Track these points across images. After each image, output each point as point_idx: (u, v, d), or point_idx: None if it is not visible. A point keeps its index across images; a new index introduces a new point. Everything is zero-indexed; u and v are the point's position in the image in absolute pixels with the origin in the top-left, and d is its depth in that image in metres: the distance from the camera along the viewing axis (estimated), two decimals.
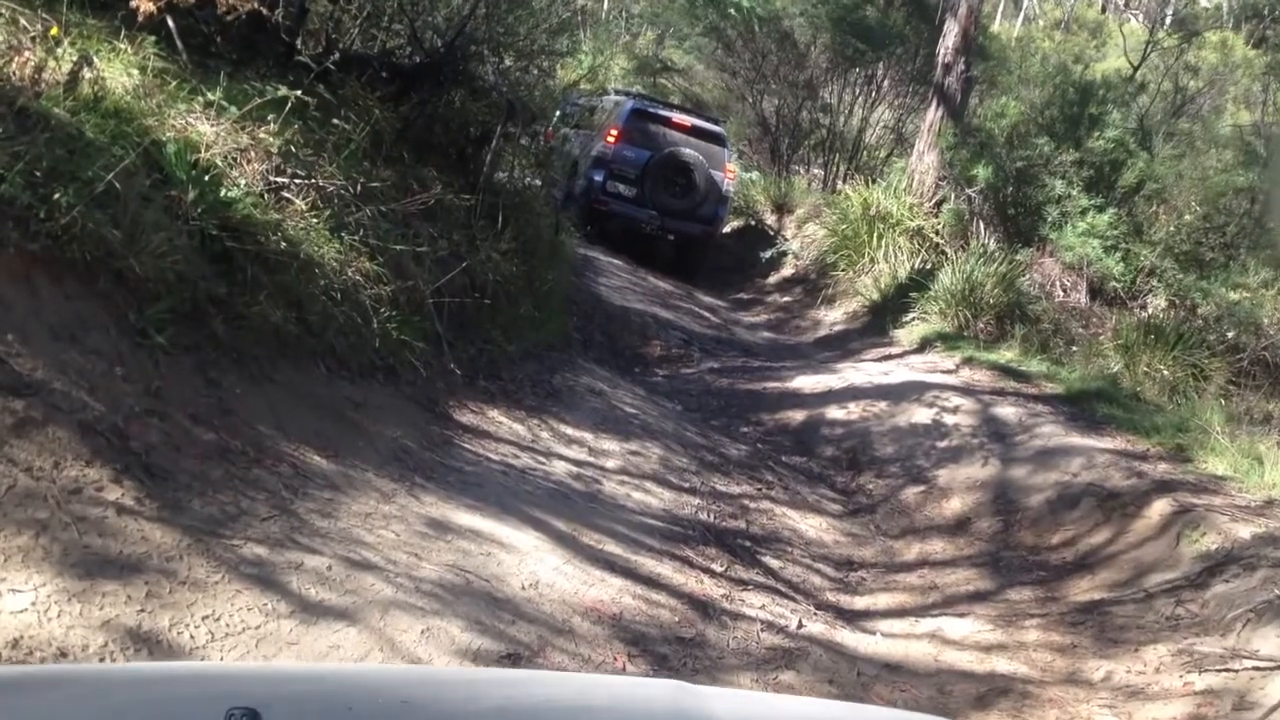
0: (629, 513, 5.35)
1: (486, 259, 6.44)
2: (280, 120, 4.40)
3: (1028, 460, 7.27)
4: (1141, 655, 4.89)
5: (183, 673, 1.99)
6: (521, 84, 7.28)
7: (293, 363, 4.31)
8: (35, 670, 2.19)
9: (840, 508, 7.01)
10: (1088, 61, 18.98)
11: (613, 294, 11.23)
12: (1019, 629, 5.30)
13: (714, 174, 13.51)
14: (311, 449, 3.99)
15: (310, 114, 4.71)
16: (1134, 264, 11.65)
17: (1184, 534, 5.82)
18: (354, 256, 4.85)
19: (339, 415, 4.39)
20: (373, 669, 2.72)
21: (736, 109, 18.94)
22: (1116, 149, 12.07)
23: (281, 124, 4.41)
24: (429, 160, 6.67)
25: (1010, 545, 6.45)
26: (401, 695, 1.57)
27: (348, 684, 1.72)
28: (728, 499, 6.28)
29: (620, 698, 1.88)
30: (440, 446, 4.86)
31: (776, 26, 17.03)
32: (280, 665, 2.68)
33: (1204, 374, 9.86)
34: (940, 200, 12.75)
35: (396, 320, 5.13)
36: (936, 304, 11.09)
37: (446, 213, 6.28)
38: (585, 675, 3.35)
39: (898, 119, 17.93)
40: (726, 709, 1.87)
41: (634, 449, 6.36)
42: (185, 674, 1.92)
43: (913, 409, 8.37)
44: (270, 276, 4.14)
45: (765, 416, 8.53)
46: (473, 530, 4.12)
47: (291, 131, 4.48)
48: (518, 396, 6.24)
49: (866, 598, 5.68)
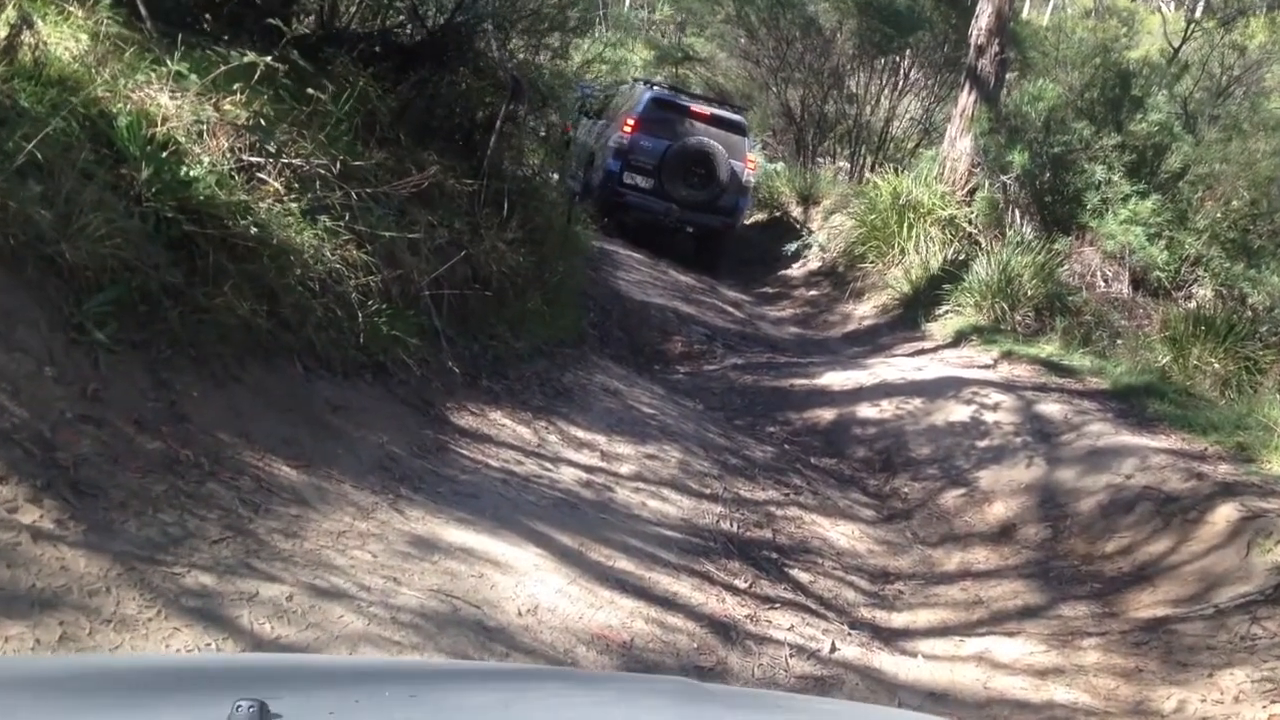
0: (644, 523, 4.88)
1: (491, 249, 5.99)
2: (247, 90, 3.94)
3: (1076, 461, 6.75)
4: (1217, 681, 4.37)
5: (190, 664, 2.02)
6: (530, 64, 6.80)
7: (264, 361, 3.86)
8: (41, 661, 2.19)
9: (874, 513, 6.52)
10: (1119, 51, 18.34)
11: (632, 288, 10.76)
12: (1076, 650, 4.80)
13: (734, 164, 13.06)
14: (280, 458, 3.54)
15: (287, 85, 4.25)
16: (1178, 253, 11.10)
17: (1255, 543, 5.29)
18: (338, 243, 4.39)
19: (316, 419, 3.93)
20: (381, 661, 2.69)
21: (760, 99, 18.41)
22: (1160, 133, 11.49)
23: (250, 94, 3.95)
24: (430, 143, 6.22)
25: (1060, 554, 5.95)
26: (409, 688, 1.56)
27: (356, 676, 1.72)
28: (752, 506, 5.80)
29: (629, 693, 1.86)
30: (433, 453, 4.40)
31: (801, 12, 16.50)
32: (288, 657, 2.64)
33: (1258, 367, 9.30)
34: (974, 188, 12.19)
35: (388, 314, 4.67)
36: (971, 296, 10.56)
37: (447, 199, 5.83)
38: (594, 671, 3.34)
39: (926, 109, 17.35)
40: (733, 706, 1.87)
41: (651, 452, 5.88)
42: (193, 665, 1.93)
43: (949, 406, 7.86)
44: (237, 264, 3.69)
45: (792, 415, 8.04)
46: (464, 548, 3.65)
47: (260, 103, 4.02)
48: (524, 397, 5.77)
49: (905, 614, 5.20)
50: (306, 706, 1.37)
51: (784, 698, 3.14)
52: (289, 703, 1.28)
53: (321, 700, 1.45)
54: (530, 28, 6.91)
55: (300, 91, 4.20)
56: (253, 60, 3.87)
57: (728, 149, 13.02)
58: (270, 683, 1.47)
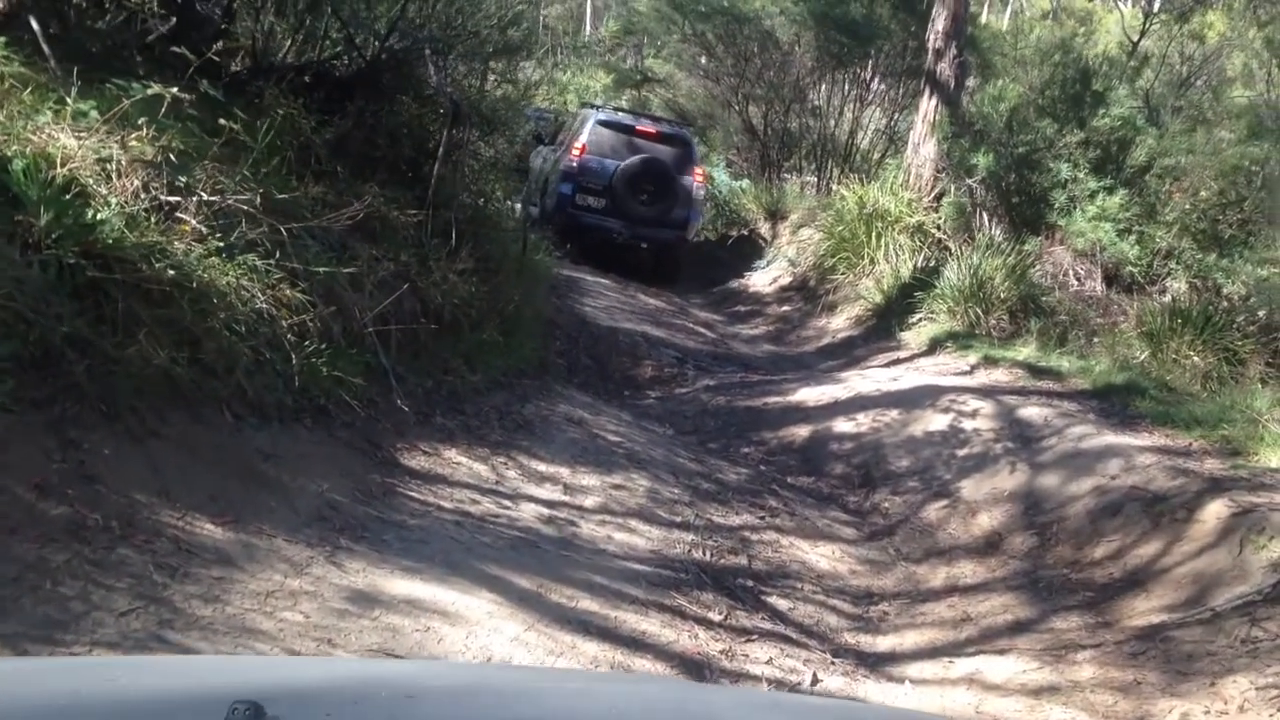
0: (609, 558, 4.63)
1: (441, 280, 5.75)
2: (154, 125, 3.70)
3: (1059, 465, 6.55)
4: (1219, 690, 4.15)
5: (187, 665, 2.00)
6: (473, 89, 6.59)
7: (187, 411, 3.60)
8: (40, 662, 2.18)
9: (855, 532, 6.29)
10: (1078, 49, 18.32)
11: (600, 314, 10.54)
12: (1070, 665, 4.57)
13: (682, 179, 13.46)
14: (204, 516, 3.28)
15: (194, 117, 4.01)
16: (1149, 247, 10.97)
17: (1248, 539, 5.09)
18: (269, 282, 4.15)
19: (246, 471, 3.67)
20: (378, 663, 2.67)
21: (722, 117, 18.26)
22: (1123, 127, 11.38)
23: (158, 129, 3.71)
24: (374, 174, 5.99)
25: (1048, 563, 5.74)
26: (406, 690, 1.56)
27: (353, 678, 1.72)
28: (726, 532, 5.56)
29: (624, 695, 1.87)
30: (379, 498, 4.14)
31: (757, 27, 16.36)
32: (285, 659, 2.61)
33: (1238, 358, 9.14)
34: (940, 193, 12.05)
35: (327, 354, 4.42)
36: (944, 302, 10.39)
37: (392, 230, 5.60)
38: (589, 671, 3.33)
39: (890, 119, 17.22)
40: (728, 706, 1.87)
41: (617, 482, 5.64)
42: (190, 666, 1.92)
43: (927, 416, 7.65)
44: (151, 310, 3.45)
45: (767, 435, 7.81)
46: (409, 600, 3.40)
47: (169, 137, 3.79)
48: (481, 432, 5.52)
49: (891, 636, 4.97)
50: (303, 709, 1.37)
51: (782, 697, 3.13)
52: (285, 705, 1.28)
53: (318, 703, 1.44)
54: (472, 51, 6.70)
55: (214, 124, 3.97)
56: (158, 92, 3.64)
57: (675, 164, 13.43)
58: (266, 685, 1.47)
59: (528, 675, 2.32)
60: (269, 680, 1.58)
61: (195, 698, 1.41)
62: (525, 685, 1.82)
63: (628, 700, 1.77)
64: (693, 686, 1.88)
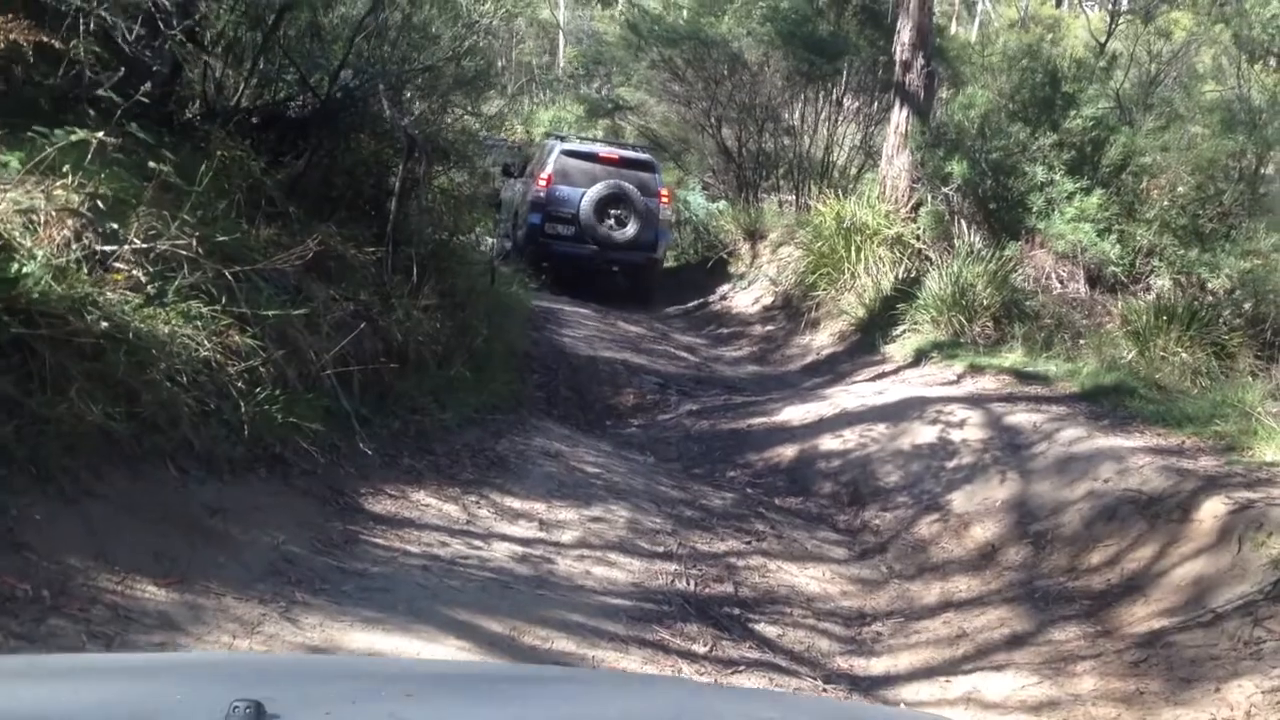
0: (587, 594, 4.46)
1: (405, 317, 5.60)
2: (79, 171, 3.55)
3: (1051, 471, 6.42)
4: (1225, 696, 3.99)
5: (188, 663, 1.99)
6: (430, 122, 6.46)
7: (127, 468, 3.44)
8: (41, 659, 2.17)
9: (845, 551, 6.13)
10: (1046, 53, 18.32)
11: (579, 344, 10.39)
12: (1070, 677, 4.41)
13: (648, 201, 13.78)
14: (146, 578, 3.11)
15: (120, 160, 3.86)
16: (1130, 245, 10.86)
17: (1247, 537, 4.94)
18: (216, 329, 3.99)
19: (193, 527, 3.50)
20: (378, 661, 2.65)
21: (696, 140, 18.18)
22: (1096, 127, 11.30)
23: (84, 175, 3.57)
24: (332, 214, 5.86)
25: (1044, 572, 5.58)
26: (405, 688, 1.55)
27: (352, 676, 1.72)
28: (711, 559, 5.40)
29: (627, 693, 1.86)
30: (340, 547, 3.97)
31: (725, 50, 16.30)
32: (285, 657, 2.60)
33: (1226, 352, 9.02)
34: (917, 203, 11.94)
35: (282, 399, 4.26)
36: (927, 312, 10.26)
37: (350, 270, 5.45)
38: (591, 670, 3.35)
39: (865, 134, 17.15)
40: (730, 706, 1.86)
41: (596, 515, 5.47)
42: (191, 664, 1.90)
43: (915, 429, 7.51)
44: (82, 365, 3.29)
45: (752, 457, 7.66)
46: (369, 653, 3.22)
47: (96, 183, 3.64)
48: (452, 471, 5.35)
49: (885, 658, 4.80)
50: (303, 706, 1.36)
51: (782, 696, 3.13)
52: (285, 702, 1.28)
53: (318, 700, 1.43)
54: (429, 85, 6.58)
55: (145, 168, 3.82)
56: (83, 138, 3.50)
57: (639, 187, 13.78)
58: (267, 682, 1.47)
59: (528, 674, 2.30)
60: (269, 678, 1.58)
61: (195, 695, 1.41)
62: (526, 685, 1.82)
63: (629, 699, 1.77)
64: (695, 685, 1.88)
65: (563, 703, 1.66)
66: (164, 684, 1.50)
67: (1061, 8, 34.35)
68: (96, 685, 1.46)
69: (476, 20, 6.41)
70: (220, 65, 6.31)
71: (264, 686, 1.32)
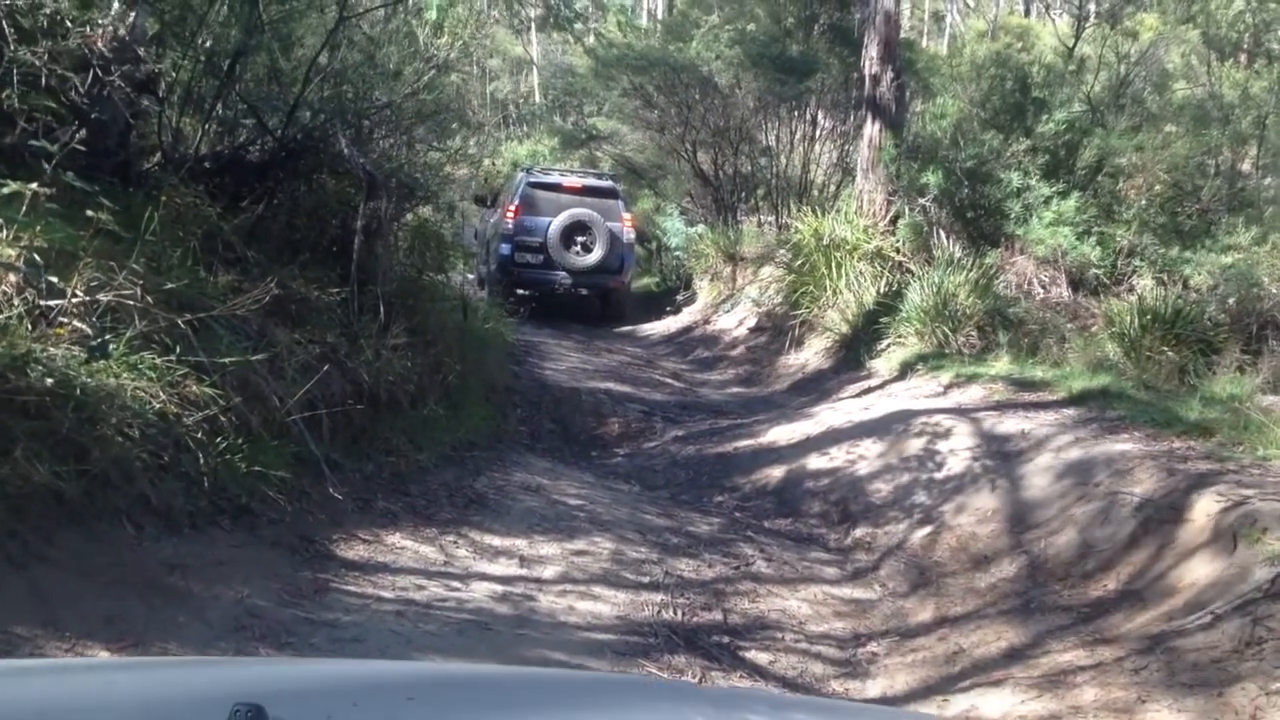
0: (570, 631, 4.33)
1: (374, 358, 5.49)
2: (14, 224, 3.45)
3: (1043, 478, 6.33)
4: (1229, 700, 3.87)
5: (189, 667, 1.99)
6: (392, 158, 6.38)
7: (79, 528, 3.31)
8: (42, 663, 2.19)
9: (837, 571, 6.01)
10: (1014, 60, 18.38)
11: (561, 376, 10.28)
12: (1070, 689, 4.28)
13: (612, 226, 14.18)
14: (97, 643, 2.97)
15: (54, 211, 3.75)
16: (1111, 246, 10.83)
17: (1242, 534, 4.83)
18: (171, 379, 3.88)
19: (151, 585, 3.37)
20: (378, 665, 2.66)
21: (673, 166, 18.15)
22: (1069, 130, 11.29)
23: (19, 229, 3.46)
24: (294, 256, 5.76)
25: (1039, 582, 5.46)
26: (406, 691, 1.55)
27: (353, 680, 1.71)
28: (699, 587, 5.27)
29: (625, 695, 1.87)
30: (309, 597, 3.84)
31: (695, 74, 16.29)
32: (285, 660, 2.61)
33: (1213, 348, 8.94)
34: (895, 216, 11.88)
35: (245, 448, 4.14)
36: (911, 325, 10.17)
37: (314, 312, 5.35)
38: (590, 674, 3.32)
39: (841, 150, 17.13)
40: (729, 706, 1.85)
41: (579, 548, 5.34)
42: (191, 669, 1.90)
43: (903, 442, 7.41)
44: (26, 424, 3.17)
45: (740, 480, 7.54)
46: None
47: (31, 235, 3.53)
48: (429, 512, 5.23)
49: (881, 679, 4.68)
50: (304, 711, 1.36)
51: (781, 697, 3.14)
52: (286, 707, 1.26)
53: (319, 704, 1.43)
54: (391, 121, 6.50)
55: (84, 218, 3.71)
56: (16, 190, 3.40)
57: (603, 213, 14.21)
58: (268, 687, 1.47)
59: (528, 676, 2.30)
60: (270, 682, 1.58)
61: (197, 700, 1.40)
62: (525, 686, 1.82)
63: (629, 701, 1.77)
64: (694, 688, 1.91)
65: (564, 706, 1.65)
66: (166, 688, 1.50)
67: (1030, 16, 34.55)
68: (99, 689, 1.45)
69: (434, 54, 6.32)
70: (176, 115, 6.22)
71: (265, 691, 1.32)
